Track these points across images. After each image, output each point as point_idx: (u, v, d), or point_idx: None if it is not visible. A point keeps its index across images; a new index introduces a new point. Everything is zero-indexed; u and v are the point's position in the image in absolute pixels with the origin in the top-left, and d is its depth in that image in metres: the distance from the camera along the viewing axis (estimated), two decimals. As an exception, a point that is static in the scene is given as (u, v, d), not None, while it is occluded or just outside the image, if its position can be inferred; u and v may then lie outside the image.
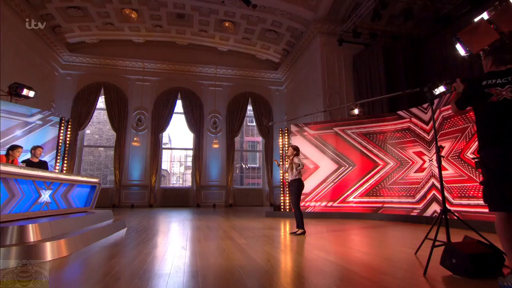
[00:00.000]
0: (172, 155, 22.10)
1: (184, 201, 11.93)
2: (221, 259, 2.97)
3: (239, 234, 4.63)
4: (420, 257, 2.96)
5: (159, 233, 4.81)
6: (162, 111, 12.05)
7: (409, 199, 6.27)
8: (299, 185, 4.73)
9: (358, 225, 5.90)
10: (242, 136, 17.36)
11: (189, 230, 5.05)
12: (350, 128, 7.44)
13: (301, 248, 3.73)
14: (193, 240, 4.06)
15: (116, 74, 12.15)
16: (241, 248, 3.48)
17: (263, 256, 3.13)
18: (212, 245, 3.70)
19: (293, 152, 4.89)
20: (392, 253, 3.26)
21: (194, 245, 3.70)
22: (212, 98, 12.79)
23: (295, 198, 4.71)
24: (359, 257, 3.10)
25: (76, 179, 4.45)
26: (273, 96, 13.54)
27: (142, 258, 2.98)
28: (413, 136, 6.35)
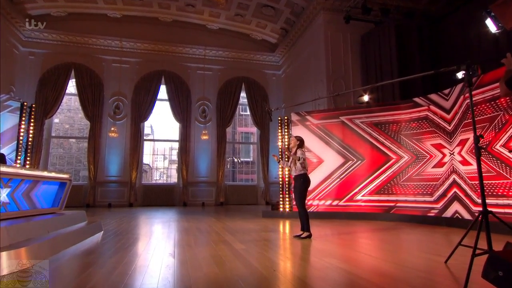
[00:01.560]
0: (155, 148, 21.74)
1: (169, 199, 11.80)
2: (217, 269, 2.83)
3: (235, 237, 4.53)
4: (451, 267, 2.81)
5: (142, 237, 4.67)
6: (143, 98, 11.80)
7: (426, 197, 6.19)
8: (304, 181, 4.59)
9: (368, 227, 5.85)
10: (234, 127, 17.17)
11: (176, 233, 4.95)
12: (358, 117, 7.33)
13: (308, 254, 3.63)
14: (182, 246, 3.91)
15: (89, 54, 11.69)
16: (239, 255, 3.37)
17: (266, 264, 3.03)
18: (204, 251, 3.55)
19: (296, 143, 4.76)
20: (417, 261, 3.16)
21: (183, 252, 3.55)
22: (200, 83, 12.54)
23: (300, 196, 4.58)
24: (378, 266, 2.97)
25: (42, 175, 4.22)
26: (269, 81, 13.39)
27: (122, 269, 2.81)
28: (432, 126, 6.22)
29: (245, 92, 12.89)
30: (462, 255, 2.96)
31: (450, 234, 4.93)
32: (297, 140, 4.79)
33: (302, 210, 4.55)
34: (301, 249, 3.84)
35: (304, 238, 4.42)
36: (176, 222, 6.47)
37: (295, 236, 4.53)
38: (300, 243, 4.13)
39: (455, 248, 2.86)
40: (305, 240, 4.31)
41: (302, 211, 4.55)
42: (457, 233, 4.92)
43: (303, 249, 3.86)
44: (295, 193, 4.63)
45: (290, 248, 3.92)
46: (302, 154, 4.60)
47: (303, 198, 4.59)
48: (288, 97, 12.52)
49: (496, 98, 4.76)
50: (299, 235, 4.52)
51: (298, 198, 4.58)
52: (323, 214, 7.07)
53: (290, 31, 12.01)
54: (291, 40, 12.09)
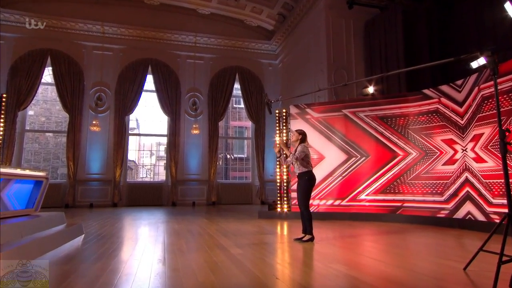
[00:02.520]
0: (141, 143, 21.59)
1: (157, 198, 11.74)
2: (213, 276, 2.74)
3: (230, 240, 4.46)
4: (472, 275, 2.73)
5: (128, 241, 4.57)
6: (128, 88, 11.62)
7: (436, 197, 6.16)
8: (309, 179, 4.50)
9: (373, 228, 5.83)
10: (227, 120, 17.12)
11: (166, 237, 4.86)
12: (363, 111, 7.25)
13: (312, 259, 3.60)
14: (172, 251, 3.81)
15: (67, 40, 11.39)
16: (237, 260, 3.30)
17: (267, 271, 2.98)
18: (198, 257, 3.47)
19: (298, 138, 4.66)
20: (432, 268, 3.10)
21: (175, 258, 3.45)
22: (191, 73, 12.42)
23: (304, 195, 4.49)
24: (389, 273, 2.90)
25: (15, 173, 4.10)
26: (265, 71, 13.32)
27: (106, 278, 2.69)
28: (442, 120, 6.15)
29: (239, 83, 12.82)
30: (483, 261, 2.90)
31: (463, 237, 4.91)
32: (298, 134, 4.69)
33: (306, 211, 4.48)
34: (304, 254, 3.79)
35: (306, 241, 4.37)
36: (165, 224, 6.39)
37: (296, 239, 4.48)
38: (301, 247, 4.08)
39: (476, 254, 2.78)
40: (307, 244, 4.26)
41: (306, 212, 4.48)
42: (470, 236, 4.91)
43: (305, 253, 3.81)
44: (299, 192, 4.55)
45: (292, 253, 3.86)
46: (303, 149, 4.49)
47: (307, 198, 4.50)
48: (286, 88, 12.45)
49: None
50: (300, 238, 4.47)
51: (302, 198, 4.50)
52: (324, 214, 7.02)
53: (288, 17, 11.88)
54: (289, 26, 11.98)
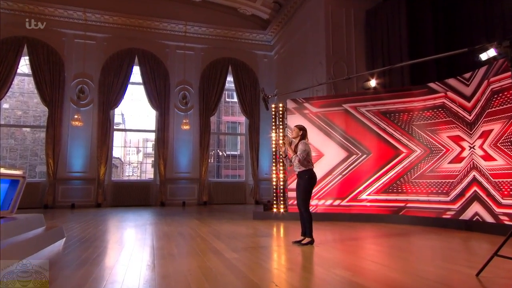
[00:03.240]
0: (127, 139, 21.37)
1: (144, 198, 11.68)
2: (208, 284, 2.68)
3: (225, 244, 4.41)
4: (486, 282, 2.69)
5: (113, 245, 4.51)
6: (113, 80, 11.46)
7: (441, 197, 6.13)
8: (310, 178, 4.46)
9: (375, 230, 5.83)
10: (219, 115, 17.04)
11: (154, 240, 4.79)
12: (364, 105, 7.21)
13: (313, 264, 3.59)
14: (162, 255, 3.73)
15: (46, 27, 10.87)
16: (232, 266, 3.25)
17: (265, 277, 2.97)
18: (190, 263, 3.39)
19: (298, 134, 4.62)
20: (442, 274, 3.07)
21: (165, 263, 3.37)
22: (180, 65, 12.33)
23: (304, 195, 4.46)
24: (397, 279, 2.86)
25: None
26: (260, 63, 13.30)
27: (90, 287, 2.62)
28: (449, 116, 6.12)
29: (232, 76, 12.77)
30: (497, 267, 2.87)
31: (471, 240, 4.91)
32: (299, 130, 4.64)
33: (306, 212, 4.44)
34: (304, 258, 3.76)
35: (305, 244, 4.33)
36: (153, 226, 6.33)
37: (294, 242, 4.44)
38: (301, 251, 4.04)
39: (490, 259, 2.73)
40: (307, 247, 4.22)
41: (306, 214, 4.44)
42: (478, 239, 4.92)
43: (306, 258, 3.78)
44: (299, 192, 4.51)
45: (291, 257, 3.84)
46: (304, 146, 4.45)
47: (307, 198, 4.47)
48: (282, 81, 12.44)
49: None
50: (299, 241, 4.42)
51: (302, 198, 4.46)
52: (323, 215, 6.99)
53: (284, 5, 11.80)
54: (285, 15, 11.90)
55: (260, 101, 12.59)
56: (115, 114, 12.46)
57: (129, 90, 12.07)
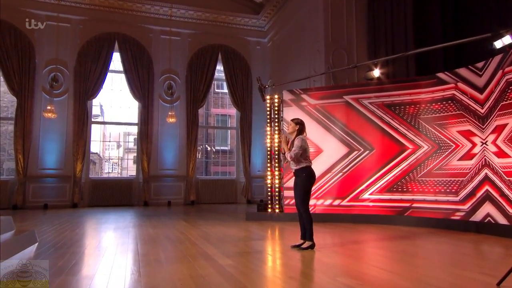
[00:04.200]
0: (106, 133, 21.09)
1: (125, 197, 11.62)
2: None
3: (217, 249, 4.35)
4: (508, 290, 2.63)
5: (92, 251, 4.38)
6: (90, 68, 11.27)
7: (450, 197, 6.12)
8: (308, 176, 4.41)
9: (379, 233, 5.84)
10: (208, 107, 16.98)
11: (139, 244, 4.72)
12: (367, 97, 7.19)
13: (315, 271, 3.55)
14: (149, 262, 3.64)
15: (13, 7, 10.68)
16: (227, 274, 3.18)
17: (265, 286, 2.94)
18: (180, 270, 3.31)
19: (295, 129, 4.56)
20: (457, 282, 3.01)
21: (152, 271, 3.28)
22: (166, 52, 12.23)
23: (302, 195, 4.41)
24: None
25: None
26: (252, 51, 13.26)
27: None
28: (459, 109, 6.12)
29: (222, 64, 12.72)
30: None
31: (482, 243, 4.91)
32: (295, 124, 4.58)
33: (305, 214, 4.39)
34: (305, 264, 3.73)
35: (305, 249, 4.28)
36: (137, 228, 6.26)
37: (293, 247, 4.39)
38: (301, 256, 4.00)
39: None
40: (307, 252, 4.18)
41: (305, 215, 4.39)
42: (490, 242, 4.94)
43: (307, 264, 3.74)
44: (297, 191, 4.47)
45: (291, 263, 3.78)
46: (302, 142, 4.40)
47: (306, 198, 4.42)
48: (276, 71, 12.40)
49: None
50: (299, 245, 4.38)
51: (300, 198, 4.42)
52: (321, 216, 6.98)
53: (279, -13, 11.71)
54: (280, -1, 11.81)
55: (253, 92, 12.70)
56: (92, 105, 12.29)
57: (108, 79, 11.89)
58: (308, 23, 10.27)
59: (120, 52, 11.63)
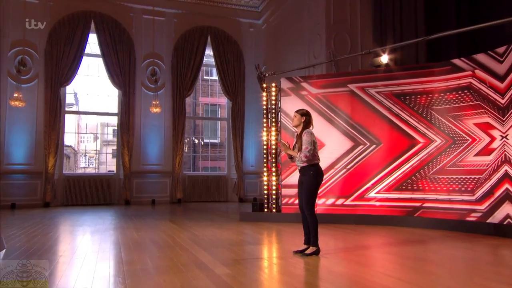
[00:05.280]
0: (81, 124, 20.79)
1: (104, 196, 11.58)
2: None
3: (212, 255, 4.27)
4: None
5: (68, 259, 4.25)
6: (63, 50, 11.07)
7: (465, 196, 6.11)
8: (315, 174, 4.34)
9: (388, 236, 5.82)
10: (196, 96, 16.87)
11: (122, 250, 4.62)
12: (374, 86, 7.15)
13: (323, 280, 3.50)
14: (135, 272, 3.53)
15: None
16: (226, 285, 3.12)
17: None
18: (172, 282, 3.19)
19: (301, 121, 4.46)
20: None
21: (138, 283, 3.20)
22: (149, 34, 12.11)
23: (308, 196, 4.35)
24: None
25: None
26: (245, 34, 13.21)
27: None
28: (477, 99, 6.08)
29: (211, 49, 12.67)
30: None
31: (502, 248, 4.89)
32: (301, 116, 4.48)
33: (310, 217, 4.33)
34: (311, 273, 3.69)
35: (309, 255, 4.23)
36: (119, 232, 6.16)
37: (296, 252, 4.35)
38: (305, 263, 3.94)
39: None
40: (311, 259, 4.12)
41: (310, 218, 4.33)
42: (511, 247, 4.90)
43: (312, 273, 3.70)
44: (302, 191, 4.41)
45: (296, 272, 3.71)
46: (311, 137, 4.32)
47: (312, 199, 4.36)
48: (271, 56, 12.38)
49: None
50: (303, 251, 4.33)
51: (305, 198, 4.35)
52: (323, 217, 6.81)
53: (276, -37, 11.65)
54: (277, -25, 11.78)
55: (245, 79, 12.72)
56: (66, 92, 12.16)
57: (84, 64, 11.89)
58: (308, 3, 10.21)
59: (97, 33, 11.50)
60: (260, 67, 4.76)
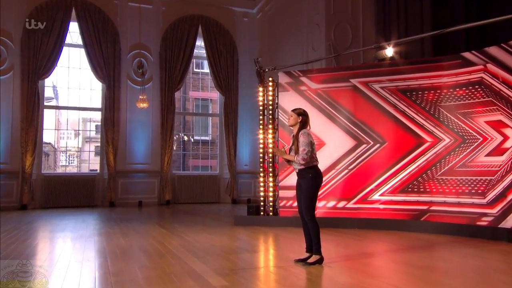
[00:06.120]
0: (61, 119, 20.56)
1: (87, 197, 11.54)
2: None
3: (206, 264, 4.23)
4: None
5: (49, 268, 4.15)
6: (41, 40, 10.99)
7: (476, 198, 6.09)
8: (314, 177, 4.31)
9: (394, 241, 5.81)
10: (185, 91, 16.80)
11: (108, 259, 4.53)
12: (378, 81, 7.10)
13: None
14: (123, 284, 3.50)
15: None
16: None
17: None
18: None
19: (297, 121, 4.44)
20: None
21: None
22: (135, 23, 12.13)
23: (307, 200, 4.30)
24: None
25: None
26: (238, 24, 13.27)
27: None
28: (488, 95, 6.02)
29: (202, 39, 12.69)
30: None
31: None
32: (297, 115, 4.45)
33: (311, 222, 4.28)
34: (315, 285, 3.67)
35: (312, 264, 4.18)
36: (104, 238, 6.08)
37: (298, 261, 4.29)
38: (308, 274, 3.91)
39: None
40: (314, 268, 4.07)
41: (311, 223, 4.28)
42: None
43: (317, 284, 3.69)
44: (301, 195, 4.37)
45: (299, 283, 3.68)
46: (308, 137, 4.29)
47: (312, 204, 4.32)
48: (267, 48, 12.40)
49: None
50: (305, 259, 4.28)
51: (305, 203, 4.30)
52: (323, 221, 6.75)
53: None
54: (273, -39, 11.83)
55: (239, 72, 12.78)
56: (45, 86, 12.13)
57: (64, 54, 11.79)
58: (306, -10, 10.24)
59: (78, 21, 11.42)
60: (259, 61, 4.68)
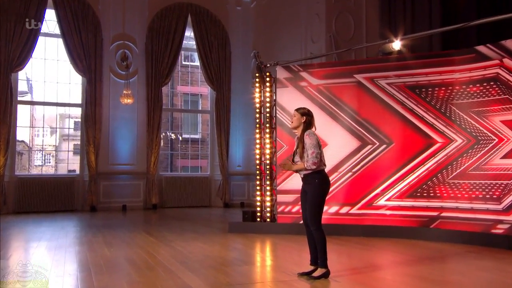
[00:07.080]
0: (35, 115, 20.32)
1: (65, 201, 11.49)
2: None
3: (201, 279, 4.19)
4: None
5: None
6: (14, 28, 10.91)
7: (490, 204, 6.09)
8: (321, 183, 4.27)
9: (402, 251, 5.79)
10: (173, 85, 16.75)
11: (92, 273, 4.44)
12: (384, 76, 7.08)
13: None
14: None
15: None
16: None
17: None
18: None
19: (301, 121, 4.39)
20: None
21: None
22: (118, 11, 12.12)
23: (313, 208, 4.26)
24: None
25: None
26: (231, 13, 13.32)
27: None
28: (505, 93, 6.01)
29: (192, 30, 12.74)
30: None
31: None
32: (301, 115, 4.40)
33: (317, 232, 4.23)
34: None
35: (317, 278, 4.12)
36: (86, 248, 6.00)
37: (302, 274, 4.24)
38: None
39: None
40: (320, 283, 4.02)
41: (317, 234, 4.23)
42: None
43: None
44: (306, 203, 4.32)
45: None
46: (314, 139, 4.24)
47: (319, 212, 4.26)
48: (262, 39, 12.46)
49: None
50: (309, 273, 4.22)
51: (312, 211, 4.26)
52: (326, 227, 6.53)
53: None
54: None
55: (232, 66, 12.85)
56: (18, 79, 12.07)
57: (40, 45, 11.74)
58: (304, -22, 10.33)
59: (55, 9, 11.37)
60: (259, 55, 4.60)
